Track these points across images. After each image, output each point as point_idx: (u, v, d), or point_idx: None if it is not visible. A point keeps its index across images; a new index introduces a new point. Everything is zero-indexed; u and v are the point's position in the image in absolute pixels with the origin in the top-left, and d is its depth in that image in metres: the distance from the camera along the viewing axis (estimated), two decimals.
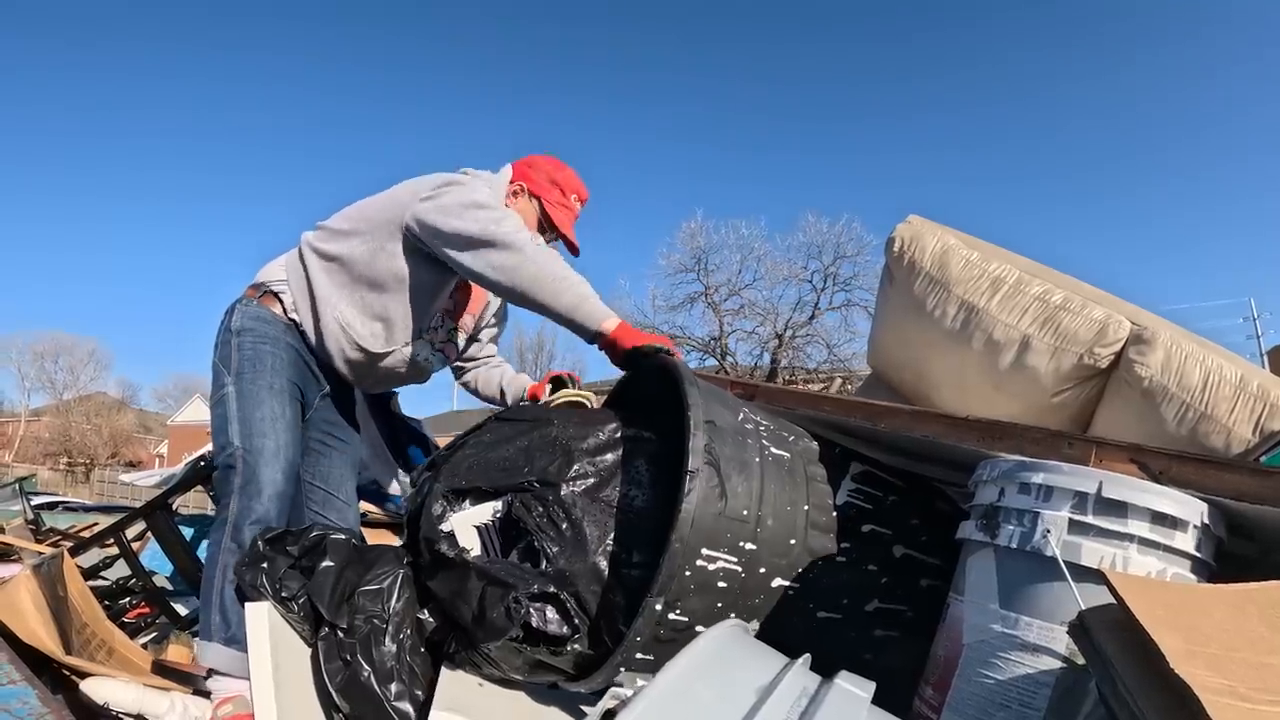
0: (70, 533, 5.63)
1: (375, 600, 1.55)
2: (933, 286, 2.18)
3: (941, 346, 2.20)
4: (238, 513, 1.84)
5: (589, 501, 1.33)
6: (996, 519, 0.93)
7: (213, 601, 1.83)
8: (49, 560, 2.13)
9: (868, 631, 1.35)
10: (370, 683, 1.45)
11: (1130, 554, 0.87)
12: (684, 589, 1.16)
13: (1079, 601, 0.81)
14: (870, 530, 1.41)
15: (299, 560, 1.67)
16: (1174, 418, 1.91)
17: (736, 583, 1.21)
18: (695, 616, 1.18)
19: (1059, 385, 2.07)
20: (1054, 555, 0.84)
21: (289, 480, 1.90)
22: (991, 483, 0.97)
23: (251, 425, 1.88)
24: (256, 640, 1.53)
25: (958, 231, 2.33)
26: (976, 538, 0.95)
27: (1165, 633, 0.66)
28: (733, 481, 1.23)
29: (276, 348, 1.99)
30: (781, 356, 23.57)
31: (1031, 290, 2.09)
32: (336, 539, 1.71)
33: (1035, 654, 0.87)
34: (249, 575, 1.63)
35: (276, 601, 1.59)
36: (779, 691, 0.56)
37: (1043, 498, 0.90)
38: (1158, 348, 1.93)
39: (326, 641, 1.52)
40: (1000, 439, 1.07)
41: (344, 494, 2.17)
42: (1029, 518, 0.90)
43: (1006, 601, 0.90)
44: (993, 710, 0.86)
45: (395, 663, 1.49)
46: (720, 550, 1.19)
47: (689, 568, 1.16)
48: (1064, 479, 0.90)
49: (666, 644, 1.16)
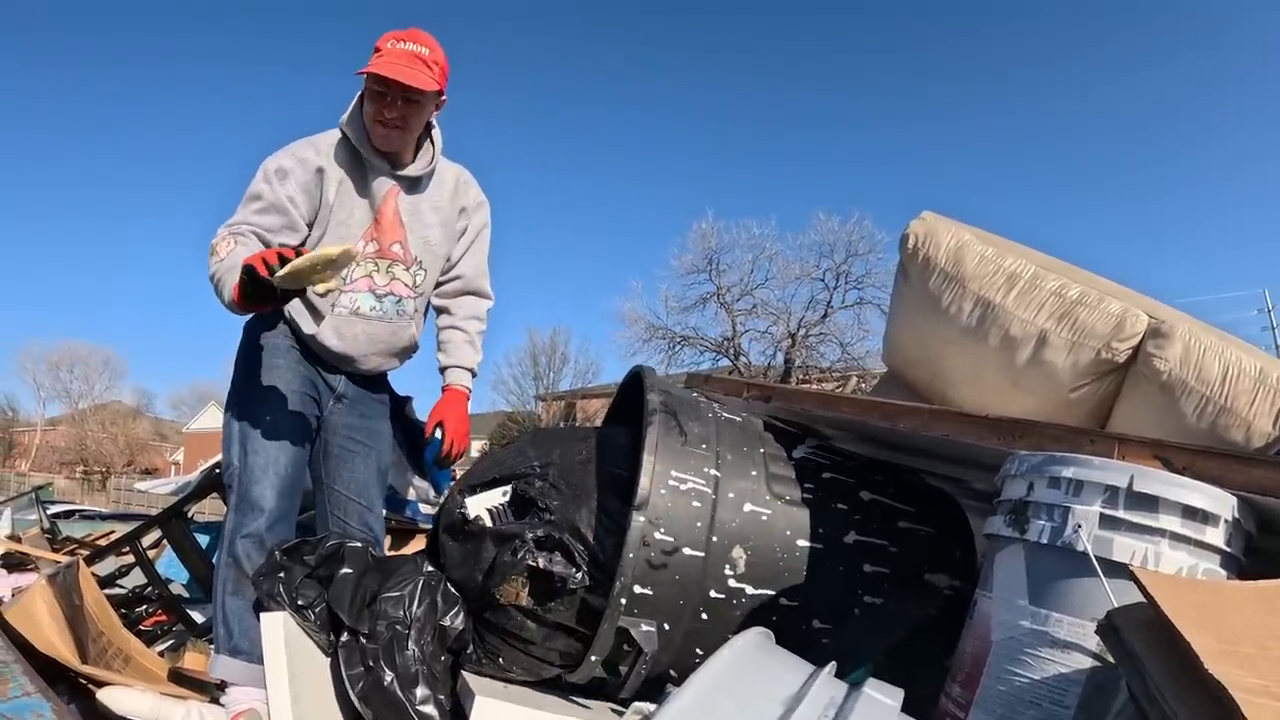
0: (86, 541, 5.67)
1: (397, 606, 1.56)
2: (948, 283, 2.17)
3: (957, 343, 2.19)
4: (231, 529, 1.89)
5: (582, 473, 1.54)
6: (1026, 514, 0.93)
7: (218, 615, 1.89)
8: (64, 569, 2.15)
9: (856, 566, 1.48)
10: (394, 688, 1.46)
11: (1162, 549, 0.86)
12: (662, 507, 1.36)
13: (1111, 597, 0.80)
14: (831, 478, 1.59)
15: (315, 569, 1.71)
16: (1193, 411, 1.89)
17: (708, 503, 1.41)
18: (679, 538, 1.36)
19: (1077, 380, 2.05)
20: (1085, 550, 0.84)
21: (283, 494, 1.92)
22: (1020, 477, 0.97)
23: (246, 444, 1.93)
24: (272, 650, 1.55)
25: (972, 227, 2.32)
26: (1005, 533, 0.94)
27: (1197, 632, 0.65)
28: (689, 424, 1.50)
29: (275, 357, 2.00)
30: (795, 356, 23.54)
31: (1048, 285, 2.08)
32: (353, 547, 1.75)
33: (1065, 651, 0.86)
34: (266, 585, 1.67)
35: (293, 610, 1.62)
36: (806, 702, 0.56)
37: (1073, 492, 0.90)
38: (1176, 341, 1.91)
39: (347, 648, 1.54)
40: (1021, 437, 1.07)
41: (366, 498, 2.14)
42: (1059, 512, 0.90)
43: (1036, 598, 0.89)
44: (1022, 708, 0.86)
45: (419, 667, 1.50)
46: (687, 473, 1.42)
47: (663, 488, 1.36)
48: (1095, 473, 0.89)
49: (660, 570, 1.32)
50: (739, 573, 1.42)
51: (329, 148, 1.98)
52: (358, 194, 1.98)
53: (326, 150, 1.98)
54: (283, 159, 1.94)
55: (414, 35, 1.94)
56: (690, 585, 1.38)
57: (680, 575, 1.37)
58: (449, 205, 2.12)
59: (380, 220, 2.02)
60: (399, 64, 1.87)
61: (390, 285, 2.05)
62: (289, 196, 1.90)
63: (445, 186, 2.12)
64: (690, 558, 1.38)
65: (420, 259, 2.08)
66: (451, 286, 2.21)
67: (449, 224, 2.13)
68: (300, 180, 1.92)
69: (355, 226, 1.98)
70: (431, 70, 1.92)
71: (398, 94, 1.90)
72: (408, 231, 2.06)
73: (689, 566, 1.38)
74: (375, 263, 2.02)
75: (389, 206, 2.02)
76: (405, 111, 1.92)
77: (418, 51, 1.91)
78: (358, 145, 1.97)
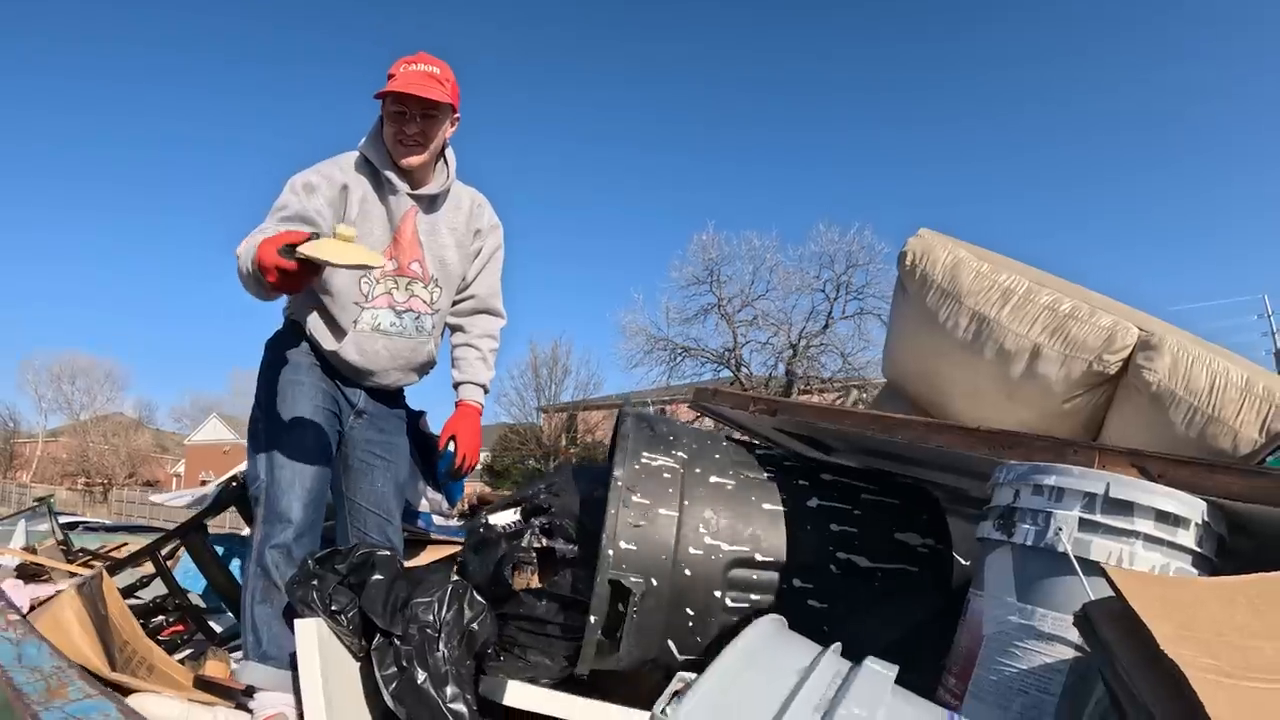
0: (101, 552, 5.71)
1: (427, 611, 1.64)
2: (945, 298, 2.26)
3: (954, 357, 2.27)
4: (260, 540, 1.95)
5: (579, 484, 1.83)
6: (1013, 519, 1.02)
7: (246, 623, 1.94)
8: (89, 580, 2.18)
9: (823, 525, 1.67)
10: (426, 687, 1.53)
11: (1136, 550, 0.95)
12: (637, 477, 1.61)
13: (1089, 594, 0.89)
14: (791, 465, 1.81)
15: (346, 577, 1.78)
16: (1182, 421, 1.97)
17: (677, 476, 1.64)
18: (654, 501, 1.59)
19: (1070, 392, 2.13)
20: (1066, 551, 0.93)
21: (309, 507, 1.98)
22: (1007, 485, 1.05)
23: (272, 458, 1.99)
24: (307, 654, 1.61)
25: (968, 244, 2.41)
26: (994, 536, 1.03)
27: (1158, 621, 0.74)
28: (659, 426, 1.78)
29: (298, 374, 2.06)
30: (796, 366, 23.58)
31: (1041, 300, 2.16)
32: (384, 555, 1.82)
33: (1050, 643, 0.95)
34: (299, 593, 1.74)
35: (327, 616, 1.69)
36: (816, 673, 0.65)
37: (1055, 499, 0.99)
38: (1165, 353, 1.99)
39: (380, 650, 1.61)
40: (1010, 447, 1.15)
41: (385, 511, 2.20)
42: (1043, 517, 0.99)
43: (1023, 595, 0.98)
44: (1012, 696, 0.94)
45: (449, 668, 1.58)
46: (658, 455, 1.67)
47: (636, 463, 1.63)
48: (1074, 481, 0.98)
49: (640, 529, 1.54)
50: (713, 530, 1.60)
51: (351, 166, 2.07)
52: (378, 212, 2.06)
53: (349, 169, 2.06)
54: (310, 176, 2.02)
55: (423, 58, 2.05)
56: (669, 541, 1.57)
57: (659, 534, 1.57)
58: (464, 227, 2.20)
59: (399, 239, 2.09)
60: (414, 82, 1.97)
61: (409, 302, 2.12)
62: (316, 210, 1.97)
63: (461, 209, 2.20)
64: (666, 516, 1.59)
65: (437, 277, 2.15)
66: (466, 305, 2.30)
67: (464, 245, 2.21)
68: (327, 196, 1.99)
69: (375, 244, 2.05)
70: (444, 86, 2.02)
71: (416, 110, 1.99)
72: (425, 250, 2.13)
73: (666, 525, 1.59)
74: (395, 280, 2.09)
75: (408, 225, 2.10)
76: (424, 127, 2.02)
77: (429, 70, 2.02)
78: (378, 165, 2.05)
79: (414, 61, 2.03)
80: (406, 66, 2.01)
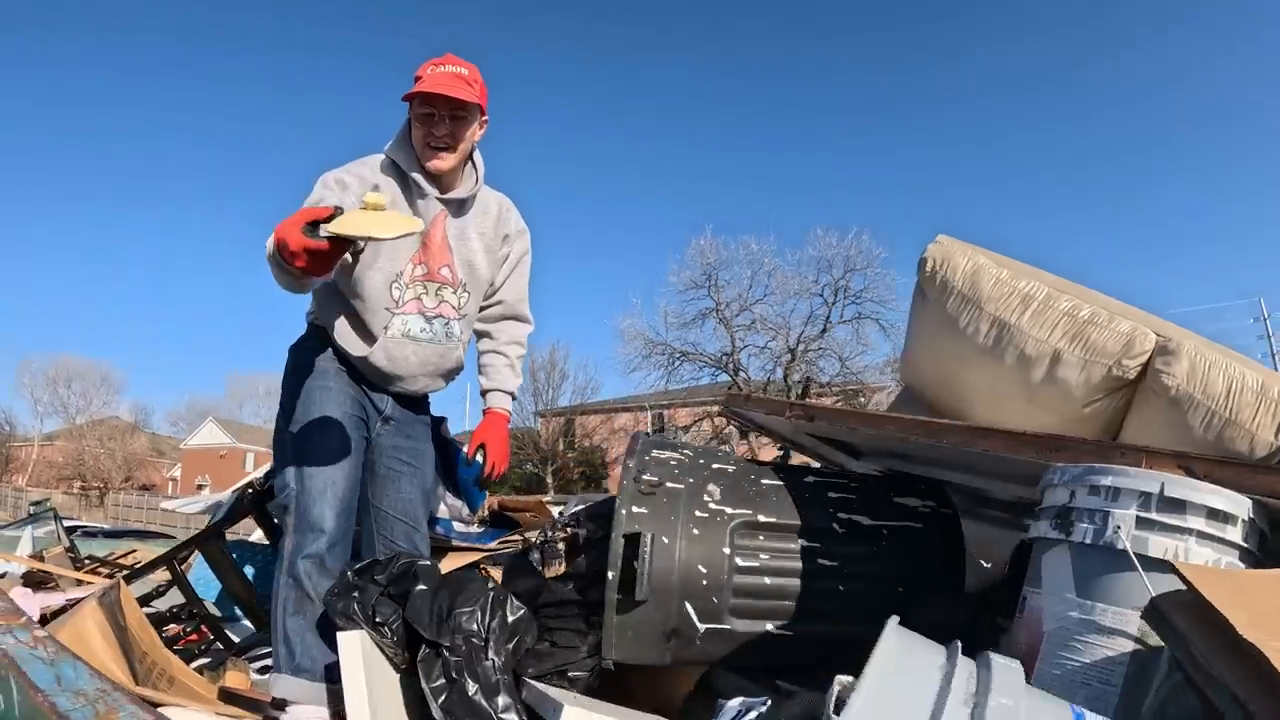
0: (110, 559, 5.67)
1: (470, 620, 1.63)
2: (965, 304, 2.30)
3: (975, 362, 2.31)
4: (291, 549, 1.92)
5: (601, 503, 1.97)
6: (1069, 518, 1.06)
7: (279, 635, 1.90)
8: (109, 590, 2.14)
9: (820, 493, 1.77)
10: (478, 698, 1.52)
11: (1190, 546, 0.99)
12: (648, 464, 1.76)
13: (1149, 588, 0.93)
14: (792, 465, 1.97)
15: (387, 588, 1.76)
16: (1200, 424, 2.01)
17: (683, 465, 1.78)
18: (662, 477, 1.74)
19: (1090, 396, 2.17)
20: (1125, 549, 0.96)
21: (341, 515, 1.95)
22: (1062, 486, 1.09)
23: (302, 465, 1.95)
24: (351, 667, 1.58)
25: (986, 250, 2.45)
26: (1051, 535, 1.07)
27: (1232, 609, 0.78)
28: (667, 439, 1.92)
29: (325, 379, 2.03)
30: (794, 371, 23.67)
31: (1060, 306, 2.20)
32: (425, 565, 1.80)
33: (1111, 636, 0.99)
34: (340, 605, 1.72)
35: (370, 628, 1.68)
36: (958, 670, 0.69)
37: (1111, 498, 1.03)
38: (1183, 358, 2.03)
39: (427, 662, 1.59)
40: (1057, 450, 1.19)
41: (412, 518, 2.17)
42: (1100, 516, 1.03)
43: (1083, 591, 1.02)
44: (1074, 689, 0.98)
45: (500, 676, 1.57)
46: (665, 451, 1.84)
47: (646, 455, 1.79)
48: (1130, 481, 1.02)
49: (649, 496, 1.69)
50: (716, 499, 1.72)
51: (379, 169, 2.03)
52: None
53: (378, 171, 2.02)
54: (341, 174, 1.98)
55: (450, 59, 2.01)
56: (677, 505, 1.70)
57: (667, 499, 1.70)
58: (492, 232, 2.17)
59: (429, 243, 2.05)
60: (442, 83, 1.94)
61: (439, 308, 2.08)
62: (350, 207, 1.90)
63: (489, 213, 2.17)
64: (673, 489, 1.72)
65: (465, 282, 2.12)
66: (493, 311, 2.27)
67: (492, 250, 2.18)
68: (359, 194, 1.92)
69: (404, 249, 2.01)
70: (473, 88, 1.98)
71: (444, 111, 1.96)
72: (454, 255, 2.09)
73: (673, 493, 1.72)
74: (424, 285, 2.05)
75: (437, 230, 2.06)
76: (453, 128, 1.98)
77: (457, 72, 1.98)
78: (406, 169, 2.02)
79: (442, 63, 2.00)
80: (434, 68, 1.98)
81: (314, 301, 2.11)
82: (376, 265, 1.99)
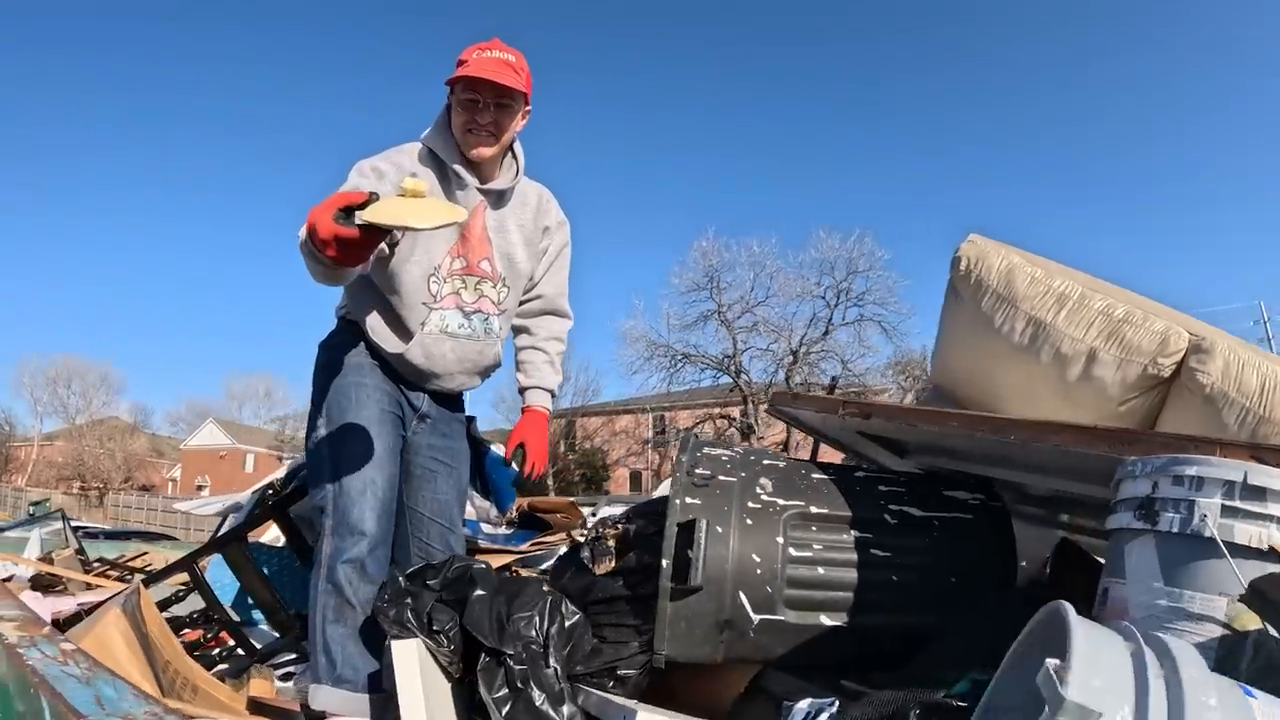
0: (120, 562, 5.62)
1: (529, 626, 1.59)
2: (1000, 303, 2.33)
3: (1010, 360, 2.34)
4: (330, 554, 1.83)
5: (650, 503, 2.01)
6: (1154, 508, 1.08)
7: (318, 644, 1.81)
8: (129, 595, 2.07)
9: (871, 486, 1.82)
10: (545, 708, 1.47)
11: (1273, 532, 1.01)
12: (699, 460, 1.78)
13: (1237, 574, 0.95)
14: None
15: (441, 593, 1.69)
16: (1234, 421, 2.04)
17: (735, 461, 1.81)
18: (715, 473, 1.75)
19: (1125, 394, 2.20)
20: (1213, 536, 0.99)
21: (382, 517, 1.87)
22: (1143, 478, 1.12)
23: (339, 465, 1.87)
24: (407, 678, 1.52)
25: (1018, 249, 2.48)
26: (1135, 526, 1.10)
27: None
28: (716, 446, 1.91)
29: (360, 375, 1.96)
30: (796, 373, 23.74)
31: (1095, 305, 2.23)
32: (481, 569, 1.74)
33: (1199, 622, 1.01)
34: (393, 612, 1.65)
35: (427, 636, 1.62)
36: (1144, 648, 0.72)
37: (1196, 487, 1.05)
38: (1217, 356, 2.07)
39: (488, 671, 1.53)
40: (1130, 444, 1.22)
41: (448, 519, 2.11)
42: (1185, 505, 1.05)
43: (1170, 579, 1.04)
44: None
45: (564, 685, 1.53)
46: (717, 449, 1.86)
47: (699, 452, 1.81)
48: (1214, 470, 1.05)
49: (703, 488, 1.70)
50: (768, 491, 1.73)
51: (416, 158, 1.95)
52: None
53: (415, 160, 1.94)
54: (378, 161, 1.91)
55: (497, 44, 1.93)
56: (730, 496, 1.70)
57: (720, 490, 1.71)
58: (532, 223, 2.10)
59: (468, 236, 1.97)
60: (488, 68, 1.86)
61: (478, 303, 2.01)
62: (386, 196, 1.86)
63: (529, 204, 2.10)
64: (726, 481, 1.74)
65: (505, 276, 2.04)
66: (532, 306, 2.20)
67: (532, 242, 2.10)
68: (395, 183, 1.80)
69: (442, 241, 1.94)
70: (519, 75, 1.90)
71: (489, 98, 1.88)
72: (494, 248, 2.02)
73: (726, 485, 1.73)
74: (463, 279, 1.98)
75: (477, 222, 1.99)
76: (497, 116, 1.90)
77: (504, 58, 1.90)
78: (445, 158, 1.94)
79: (488, 48, 1.91)
80: (480, 53, 1.89)
81: (345, 295, 2.04)
82: (414, 258, 1.92)
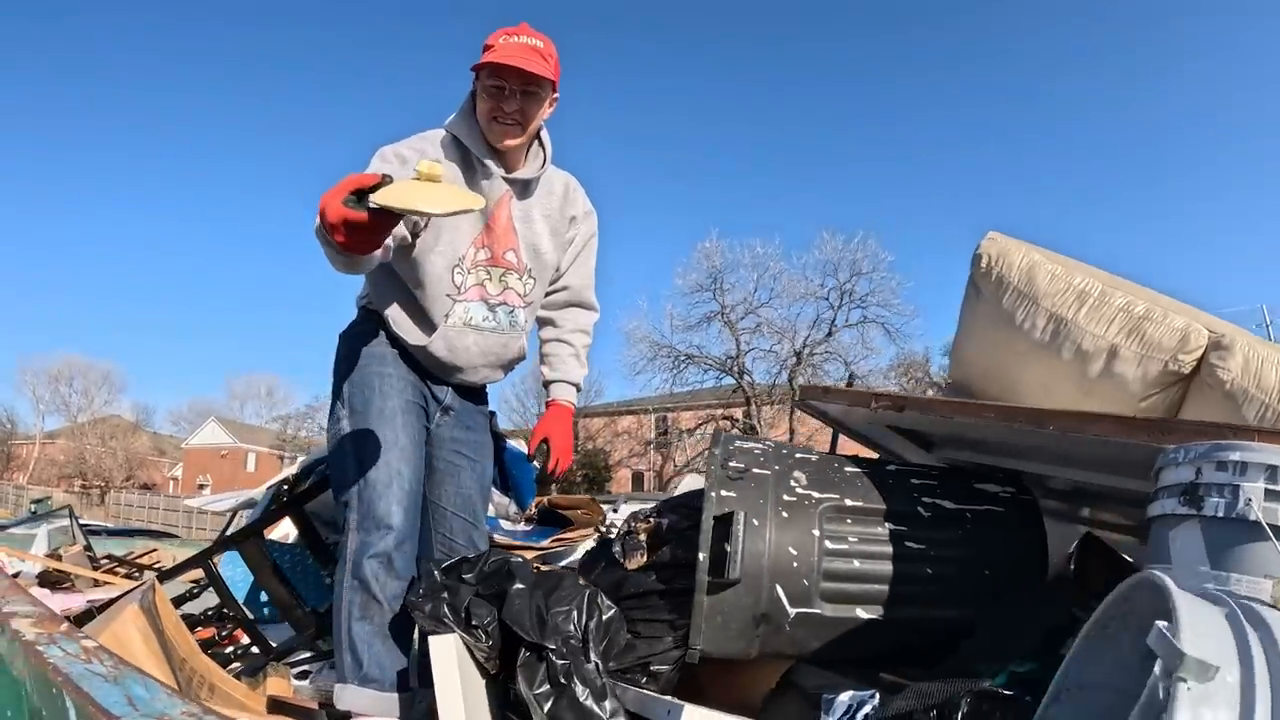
0: (128, 559, 5.62)
1: (567, 621, 1.57)
2: (1021, 300, 2.35)
3: (1031, 356, 2.36)
4: (355, 549, 1.79)
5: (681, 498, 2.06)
6: (1198, 494, 1.11)
7: (343, 642, 1.76)
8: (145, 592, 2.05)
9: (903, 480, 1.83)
10: (588, 703, 1.46)
11: None
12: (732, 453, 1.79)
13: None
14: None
15: (478, 588, 1.67)
16: (1254, 416, 2.07)
17: (768, 455, 1.82)
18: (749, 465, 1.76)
19: (1146, 391, 2.23)
20: (1258, 519, 1.01)
21: (408, 510, 1.83)
22: (1187, 464, 1.15)
23: (363, 457, 1.83)
24: (445, 675, 1.50)
25: (1038, 246, 2.50)
26: (1180, 512, 1.12)
27: None
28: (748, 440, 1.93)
29: (384, 365, 1.93)
30: (799, 375, 23.76)
31: (1115, 301, 2.26)
32: (519, 562, 1.71)
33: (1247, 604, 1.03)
34: (429, 607, 1.62)
35: (465, 631, 1.59)
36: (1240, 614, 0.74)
37: (1239, 473, 1.08)
38: (1236, 353, 2.09)
39: (529, 667, 1.51)
40: (1168, 433, 1.24)
41: (472, 514, 2.07)
42: (1230, 490, 1.07)
43: (1216, 563, 1.07)
44: None
45: (605, 680, 1.51)
46: (749, 443, 1.88)
47: (731, 445, 1.83)
48: (1257, 455, 1.08)
49: (738, 481, 1.71)
50: (803, 484, 1.74)
51: (439, 146, 1.89)
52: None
53: (438, 148, 1.89)
54: (401, 148, 1.86)
55: (525, 29, 1.87)
56: (765, 489, 1.71)
57: (755, 484, 1.72)
58: (558, 213, 2.05)
59: (493, 226, 1.93)
60: (515, 54, 1.80)
61: (503, 295, 1.97)
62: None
63: (555, 193, 2.05)
64: (760, 474, 1.75)
65: (531, 267, 2.00)
66: (558, 298, 2.16)
67: (559, 233, 2.06)
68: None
69: (466, 231, 1.89)
70: (547, 62, 1.85)
71: (516, 85, 1.83)
72: (519, 239, 1.97)
73: (761, 479, 1.73)
74: (488, 270, 1.93)
75: (502, 212, 1.94)
76: (524, 104, 1.85)
77: (532, 44, 1.84)
78: (470, 146, 1.89)
79: (515, 33, 1.85)
80: (507, 38, 1.84)
81: (367, 284, 2.00)
82: (438, 249, 1.87)
